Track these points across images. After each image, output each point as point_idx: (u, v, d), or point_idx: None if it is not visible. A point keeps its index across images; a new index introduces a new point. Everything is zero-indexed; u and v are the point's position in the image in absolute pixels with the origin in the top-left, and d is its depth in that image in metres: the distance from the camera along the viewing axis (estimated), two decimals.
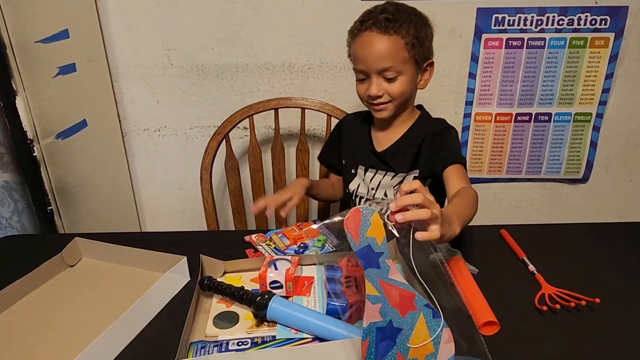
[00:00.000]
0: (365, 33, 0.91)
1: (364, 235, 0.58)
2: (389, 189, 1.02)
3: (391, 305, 0.58)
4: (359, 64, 0.93)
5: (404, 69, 0.91)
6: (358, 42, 0.92)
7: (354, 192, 1.07)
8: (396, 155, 1.01)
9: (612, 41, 1.40)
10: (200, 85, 1.45)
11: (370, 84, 0.92)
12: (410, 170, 1.00)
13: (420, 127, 1.01)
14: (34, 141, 1.07)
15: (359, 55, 0.92)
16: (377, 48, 0.89)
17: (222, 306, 0.74)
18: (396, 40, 0.89)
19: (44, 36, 1.10)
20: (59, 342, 0.67)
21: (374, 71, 0.91)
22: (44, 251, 0.86)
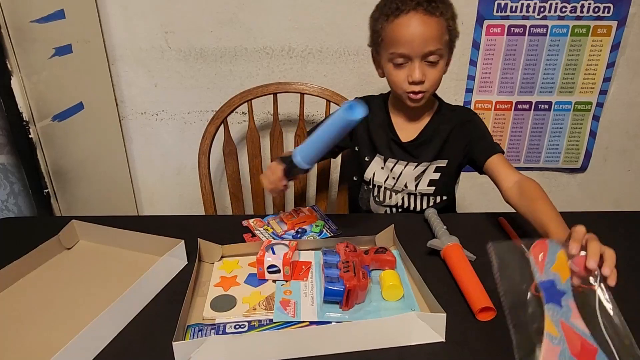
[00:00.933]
0: (410, 14, 0.85)
1: (549, 269, 0.55)
2: (410, 179, 1.01)
3: (572, 353, 0.52)
4: (401, 47, 0.87)
5: (444, 53, 0.89)
6: (400, 24, 0.86)
7: (371, 180, 1.04)
8: (422, 146, 0.99)
9: (615, 29, 1.39)
10: (198, 69, 1.43)
11: (412, 69, 0.88)
12: (434, 160, 0.99)
13: (444, 116, 0.99)
14: (30, 123, 1.06)
15: (402, 37, 0.86)
16: (425, 30, 0.85)
17: (219, 290, 0.74)
18: (441, 22, 0.87)
19: (39, 16, 1.08)
20: (55, 324, 0.67)
21: (418, 55, 0.87)
22: (40, 234, 0.85)
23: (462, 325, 0.65)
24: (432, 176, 1.00)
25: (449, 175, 1.02)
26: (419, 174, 1.00)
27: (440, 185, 1.01)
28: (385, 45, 0.90)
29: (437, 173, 1.00)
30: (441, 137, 0.99)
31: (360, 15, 1.36)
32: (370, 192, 1.06)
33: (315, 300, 0.70)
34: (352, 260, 0.72)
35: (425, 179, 1.01)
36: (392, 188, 1.03)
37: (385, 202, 1.05)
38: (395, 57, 0.89)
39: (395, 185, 1.02)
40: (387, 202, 1.05)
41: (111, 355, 0.62)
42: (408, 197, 1.03)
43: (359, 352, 0.62)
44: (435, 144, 0.99)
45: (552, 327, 0.53)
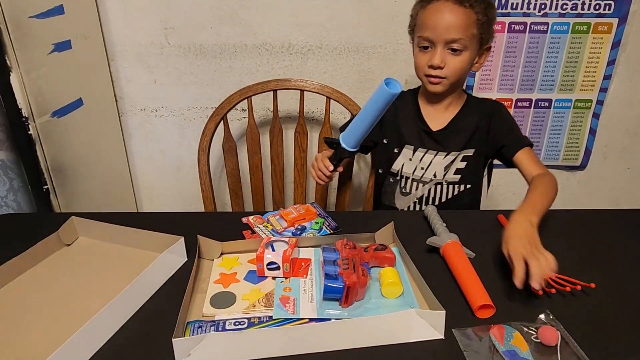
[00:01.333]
0: (440, 2, 0.91)
1: (509, 343, 0.61)
2: (439, 168, 1.04)
3: None
4: (427, 32, 0.93)
5: (469, 45, 0.93)
6: (430, 10, 0.93)
7: (399, 171, 1.08)
8: (451, 135, 1.03)
9: (616, 27, 1.39)
10: (198, 65, 1.43)
11: (434, 54, 0.93)
12: (462, 150, 1.03)
13: (472, 107, 1.04)
14: (29, 119, 1.06)
15: (429, 22, 0.92)
16: (450, 18, 0.91)
17: (219, 286, 0.74)
18: (469, 14, 0.91)
19: (38, 11, 1.08)
20: (55, 320, 0.67)
21: (441, 40, 0.92)
22: (40, 230, 0.85)
23: (461, 322, 0.65)
24: (459, 165, 1.04)
25: (475, 163, 1.06)
26: (448, 163, 1.04)
27: (465, 174, 1.05)
28: (416, 30, 0.97)
29: (464, 162, 1.04)
30: (470, 127, 1.03)
31: (360, 12, 1.36)
32: (397, 184, 1.09)
33: (314, 297, 0.71)
34: (351, 258, 0.72)
35: (453, 167, 1.05)
36: (419, 179, 1.06)
37: (412, 193, 1.08)
38: (421, 40, 0.95)
39: (423, 175, 1.06)
40: (414, 193, 1.08)
41: (111, 351, 0.62)
42: (435, 187, 1.07)
43: (358, 349, 0.62)
44: (463, 133, 1.03)
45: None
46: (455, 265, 0.76)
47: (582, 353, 0.60)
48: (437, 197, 1.08)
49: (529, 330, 0.64)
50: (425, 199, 1.09)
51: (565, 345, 0.62)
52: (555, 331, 0.62)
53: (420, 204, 1.10)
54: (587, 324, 0.66)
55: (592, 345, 0.61)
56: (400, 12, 1.37)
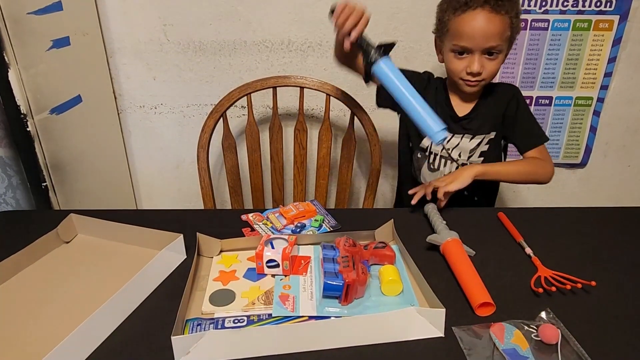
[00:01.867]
0: (476, 10, 0.91)
1: (509, 341, 0.61)
2: (464, 150, 1.07)
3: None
4: (464, 41, 0.93)
5: (504, 48, 0.95)
6: (466, 19, 0.92)
7: (428, 148, 1.09)
8: (476, 119, 1.05)
9: (617, 24, 1.38)
10: (197, 62, 1.43)
11: (472, 61, 0.95)
12: (487, 133, 1.05)
13: (492, 91, 1.06)
14: (28, 116, 1.05)
15: (467, 32, 0.92)
16: (488, 27, 0.91)
17: (218, 284, 0.73)
18: (505, 20, 0.92)
19: (36, 8, 1.07)
20: (54, 318, 0.67)
21: (479, 49, 0.93)
22: (38, 227, 0.85)
23: (461, 320, 0.65)
24: (483, 148, 1.07)
25: (496, 145, 1.08)
26: (474, 146, 1.06)
27: (488, 157, 1.08)
28: (449, 36, 0.96)
29: (487, 145, 1.07)
30: (491, 111, 1.05)
31: None
32: (425, 159, 1.10)
33: (314, 295, 0.70)
34: (351, 255, 0.72)
35: (478, 151, 1.07)
36: (448, 157, 1.08)
37: (440, 170, 1.10)
38: (457, 48, 0.96)
39: (450, 154, 1.08)
40: (442, 169, 1.10)
41: (110, 349, 0.62)
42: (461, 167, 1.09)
43: (357, 347, 0.62)
44: (486, 117, 1.05)
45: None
46: (455, 263, 0.76)
47: (583, 351, 0.60)
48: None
49: (529, 328, 0.63)
50: None
51: (566, 343, 0.61)
52: (555, 329, 0.62)
53: None
54: (587, 322, 0.66)
55: (593, 343, 0.61)
56: (400, 9, 1.36)
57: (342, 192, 1.34)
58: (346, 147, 1.30)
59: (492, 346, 0.61)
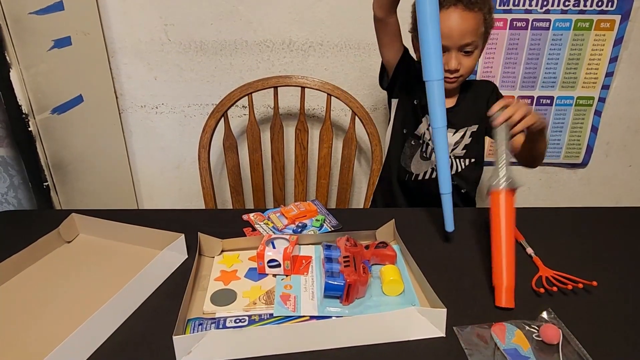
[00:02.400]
0: (450, 9, 0.92)
1: (510, 341, 0.61)
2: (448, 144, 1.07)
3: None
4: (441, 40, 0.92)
5: (479, 43, 0.97)
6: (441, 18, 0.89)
7: (422, 135, 1.09)
8: (459, 113, 1.06)
9: (618, 24, 1.38)
10: (198, 62, 1.43)
11: (449, 59, 0.95)
12: (469, 125, 1.07)
13: (470, 87, 1.08)
14: (29, 116, 1.05)
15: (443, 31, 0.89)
16: (463, 24, 0.92)
17: (219, 284, 0.74)
18: (478, 16, 0.93)
19: (38, 7, 1.07)
20: (55, 317, 0.67)
21: (455, 47, 0.94)
22: (40, 227, 0.85)
23: (462, 320, 0.65)
24: (467, 141, 1.09)
25: (478, 138, 1.10)
26: (458, 139, 1.08)
27: (471, 149, 1.09)
28: None
29: (470, 138, 1.09)
30: (472, 104, 1.07)
31: (361, 8, 1.36)
32: (418, 147, 1.10)
33: (315, 295, 0.70)
34: (352, 255, 0.72)
35: (462, 144, 1.08)
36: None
37: (431, 159, 1.10)
38: None
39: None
40: (433, 159, 1.10)
41: (111, 349, 0.62)
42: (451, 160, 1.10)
43: (359, 347, 0.62)
44: (468, 110, 1.07)
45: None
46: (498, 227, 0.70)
47: (584, 351, 0.60)
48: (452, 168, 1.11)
49: (530, 328, 0.63)
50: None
51: (567, 343, 0.61)
52: (557, 329, 0.62)
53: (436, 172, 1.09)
54: (589, 322, 0.66)
55: (594, 343, 0.61)
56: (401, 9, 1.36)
57: (343, 192, 1.34)
58: (347, 146, 1.30)
59: (493, 346, 0.61)
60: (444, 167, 0.82)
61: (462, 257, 0.81)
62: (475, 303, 0.70)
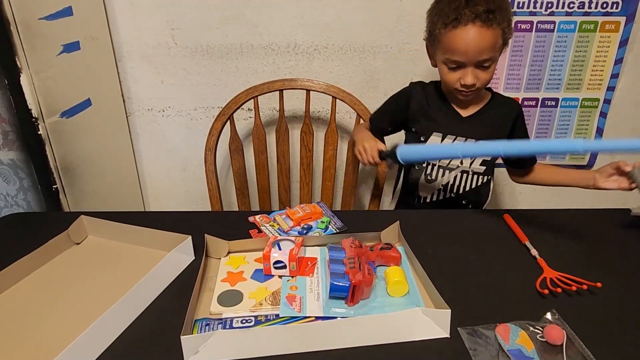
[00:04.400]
0: (467, 26, 0.89)
1: (514, 342, 0.61)
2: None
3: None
4: (457, 56, 0.93)
5: (497, 57, 0.95)
6: (457, 35, 0.90)
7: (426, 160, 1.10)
8: (479, 123, 1.05)
9: (623, 25, 1.38)
10: (204, 65, 1.44)
11: (465, 74, 0.94)
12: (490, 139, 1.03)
13: (499, 102, 1.07)
14: (39, 119, 1.07)
15: (459, 48, 0.91)
16: (481, 41, 0.90)
17: (226, 285, 0.74)
18: (496, 32, 0.91)
19: (47, 13, 1.09)
20: (65, 318, 0.68)
21: (472, 63, 0.93)
22: (49, 229, 0.86)
23: (467, 321, 0.66)
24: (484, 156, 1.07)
25: (495, 157, 1.09)
26: None
27: (488, 166, 1.08)
28: (441, 48, 0.95)
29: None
30: (496, 120, 1.06)
31: (366, 12, 1.37)
32: (422, 171, 1.10)
33: (320, 296, 0.71)
34: (357, 256, 0.72)
35: (479, 157, 1.07)
36: (446, 165, 1.08)
37: (437, 180, 1.10)
38: (450, 62, 0.95)
39: (450, 163, 1.08)
40: (439, 180, 1.09)
41: (120, 349, 0.63)
42: (460, 175, 1.09)
43: (363, 347, 0.62)
44: (491, 125, 1.05)
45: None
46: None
47: (588, 352, 0.60)
48: (462, 185, 1.10)
49: (534, 329, 0.64)
50: (450, 187, 1.10)
51: (571, 344, 0.62)
52: (561, 330, 0.62)
53: (444, 192, 1.11)
54: (593, 323, 0.66)
55: (598, 344, 0.61)
56: (406, 12, 1.37)
57: (348, 194, 1.35)
58: (352, 149, 1.31)
59: (497, 347, 0.61)
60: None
61: (466, 259, 0.82)
62: (479, 304, 0.70)
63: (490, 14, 0.89)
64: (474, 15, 0.89)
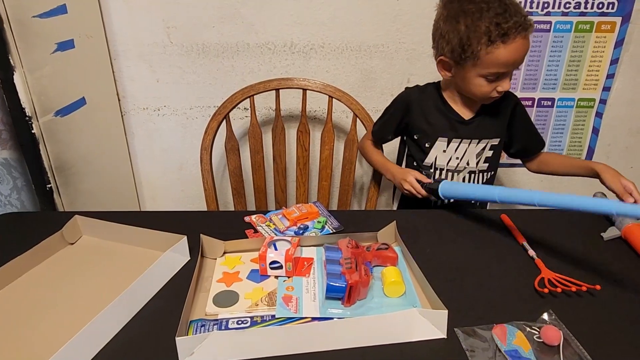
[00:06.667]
0: (517, 39, 0.89)
1: (511, 342, 0.61)
2: (472, 156, 1.07)
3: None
4: (504, 68, 0.92)
5: None
6: (508, 49, 0.89)
7: (433, 164, 1.09)
8: (482, 123, 1.06)
9: (619, 26, 1.38)
10: (200, 64, 1.43)
11: (504, 81, 0.94)
12: (492, 138, 1.07)
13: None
14: (33, 118, 1.06)
15: (510, 60, 0.91)
16: (526, 50, 0.92)
17: (222, 285, 0.74)
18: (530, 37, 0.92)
19: (41, 11, 1.08)
20: (59, 318, 0.67)
21: (514, 70, 0.94)
22: (43, 229, 0.85)
23: (463, 322, 0.65)
24: (488, 153, 1.08)
25: (498, 152, 1.10)
26: (480, 151, 1.07)
27: (491, 162, 1.10)
28: (482, 65, 0.92)
29: (491, 150, 1.08)
30: (495, 117, 1.06)
31: (362, 11, 1.36)
32: (430, 177, 1.09)
33: (317, 296, 0.71)
34: (354, 257, 0.72)
35: (483, 156, 1.08)
36: (454, 169, 1.08)
37: None
38: (491, 75, 0.93)
39: (458, 165, 1.08)
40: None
41: (115, 350, 0.62)
42: (469, 175, 1.09)
43: (360, 348, 0.62)
44: (492, 122, 1.06)
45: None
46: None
47: (585, 353, 0.60)
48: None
49: (531, 329, 0.64)
50: None
51: (568, 345, 0.62)
52: (557, 331, 0.62)
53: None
54: (589, 324, 0.66)
55: (595, 345, 0.61)
56: (402, 11, 1.37)
57: (345, 194, 1.34)
58: (348, 148, 1.30)
59: (494, 347, 0.61)
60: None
61: (463, 259, 0.82)
62: (476, 304, 0.70)
63: (527, 20, 0.90)
64: (519, 26, 0.88)
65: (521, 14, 0.90)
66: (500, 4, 0.90)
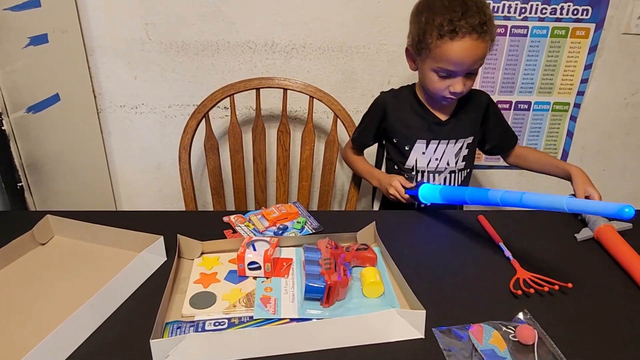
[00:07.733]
0: (465, 39, 0.91)
1: (488, 342, 0.62)
2: (451, 157, 1.10)
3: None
4: (451, 66, 0.94)
5: (483, 63, 0.98)
6: (454, 47, 0.91)
7: (414, 166, 1.11)
8: (458, 123, 1.08)
9: (593, 32, 1.42)
10: (179, 62, 1.41)
11: (455, 82, 0.96)
12: (467, 137, 1.09)
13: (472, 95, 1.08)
14: (3, 114, 1.02)
15: (455, 58, 0.92)
16: (476, 53, 0.93)
17: (199, 287, 0.73)
18: (487, 43, 0.94)
19: (13, 4, 1.05)
20: (29, 322, 0.65)
21: (464, 73, 0.95)
22: (13, 229, 0.83)
23: (441, 322, 0.66)
24: (464, 152, 1.11)
25: (473, 149, 1.13)
26: (457, 150, 1.10)
27: (467, 160, 1.12)
28: (432, 58, 0.96)
29: (467, 149, 1.11)
30: (469, 115, 1.09)
31: (344, 12, 1.37)
32: (412, 179, 1.11)
33: (296, 297, 0.70)
34: (333, 257, 0.72)
35: (461, 155, 1.10)
36: (435, 170, 1.10)
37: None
38: (441, 72, 0.96)
39: (438, 166, 1.10)
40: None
41: (87, 353, 0.60)
42: (449, 175, 1.12)
43: (339, 349, 0.62)
44: (466, 121, 1.09)
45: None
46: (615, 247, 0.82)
47: (559, 352, 0.61)
48: (450, 184, 1.13)
49: (507, 329, 0.65)
50: None
51: (542, 344, 0.63)
52: (532, 330, 0.63)
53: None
54: (563, 323, 0.67)
55: (568, 343, 0.63)
56: (384, 13, 1.38)
57: (325, 194, 1.34)
58: (329, 149, 1.30)
59: (471, 347, 0.61)
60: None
61: (442, 260, 0.82)
62: (453, 305, 0.71)
63: (484, 26, 0.91)
64: (471, 27, 0.90)
65: (480, 19, 0.91)
66: (463, 5, 0.92)
